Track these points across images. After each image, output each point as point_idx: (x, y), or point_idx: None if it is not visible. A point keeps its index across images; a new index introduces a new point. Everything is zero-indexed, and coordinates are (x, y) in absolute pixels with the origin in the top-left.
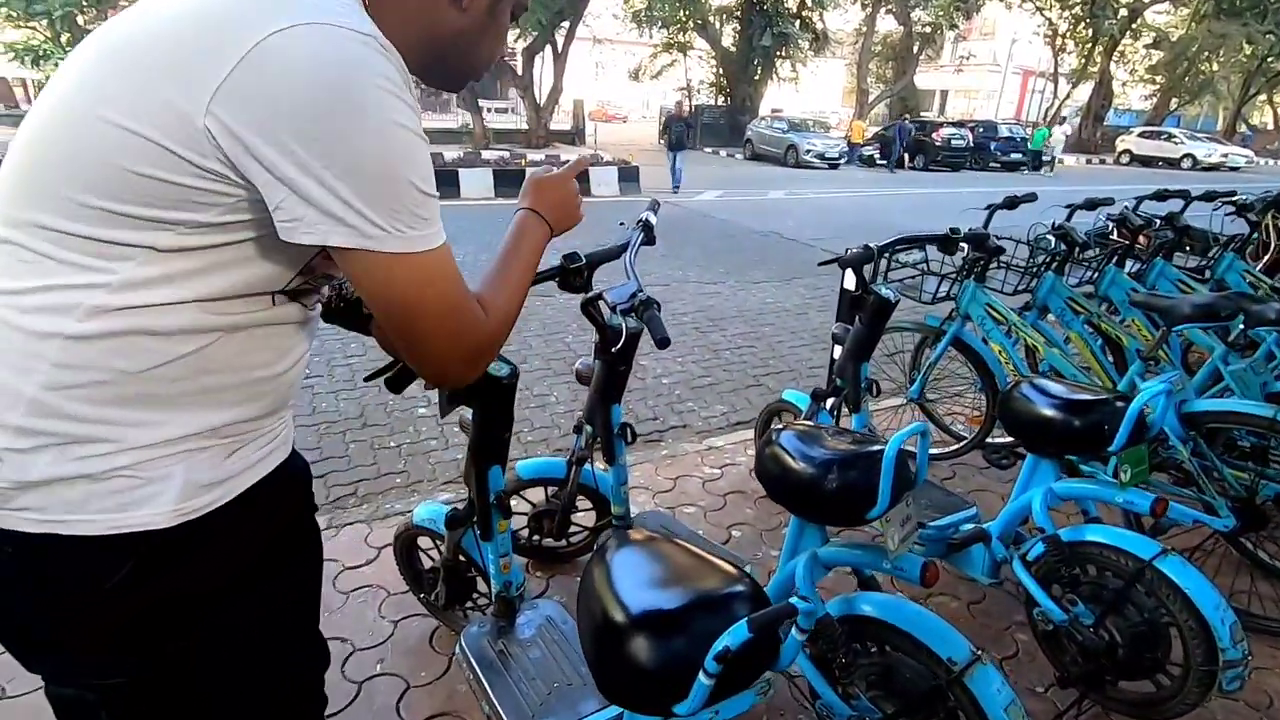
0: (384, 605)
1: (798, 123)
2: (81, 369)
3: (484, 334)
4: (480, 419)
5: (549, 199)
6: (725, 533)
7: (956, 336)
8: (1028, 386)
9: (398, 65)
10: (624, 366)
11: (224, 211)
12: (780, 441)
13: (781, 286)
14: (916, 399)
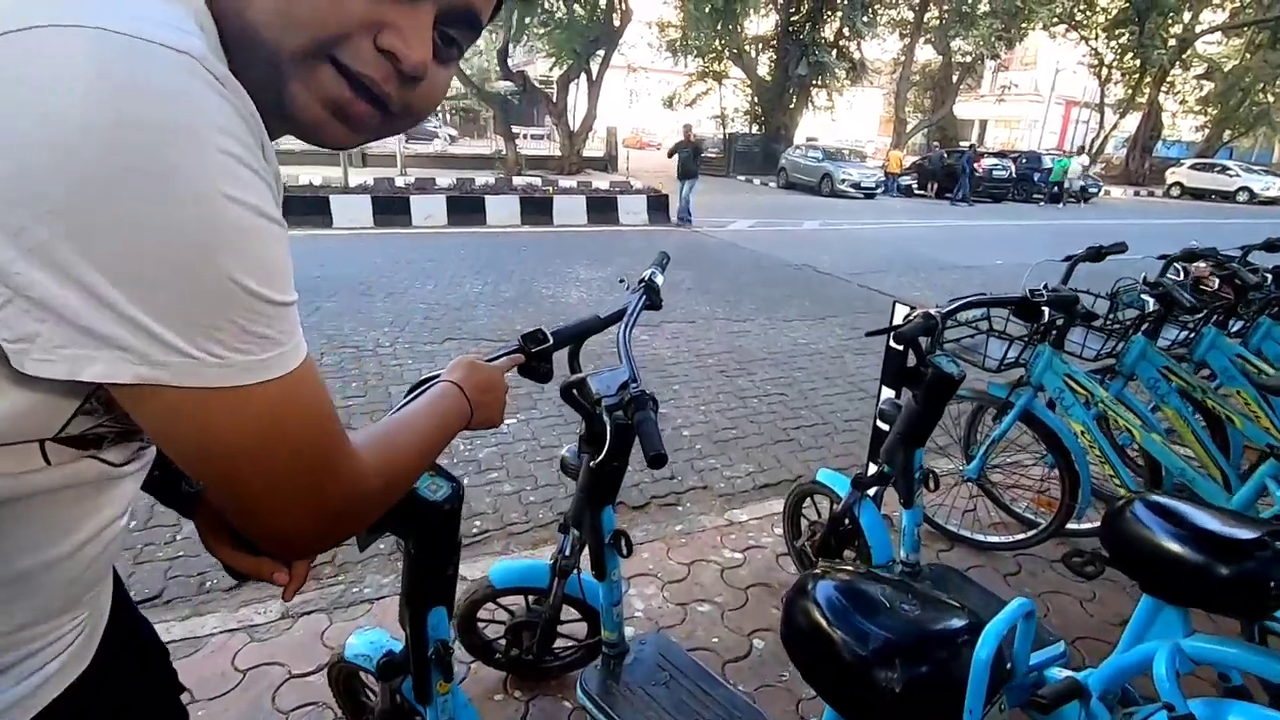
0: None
1: (833, 151)
2: None
3: (355, 492)
4: (414, 553)
5: (477, 383)
6: (745, 643)
7: (1026, 410)
8: (1145, 509)
9: (238, 105)
10: (618, 463)
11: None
12: (818, 597)
13: (815, 325)
14: (976, 479)
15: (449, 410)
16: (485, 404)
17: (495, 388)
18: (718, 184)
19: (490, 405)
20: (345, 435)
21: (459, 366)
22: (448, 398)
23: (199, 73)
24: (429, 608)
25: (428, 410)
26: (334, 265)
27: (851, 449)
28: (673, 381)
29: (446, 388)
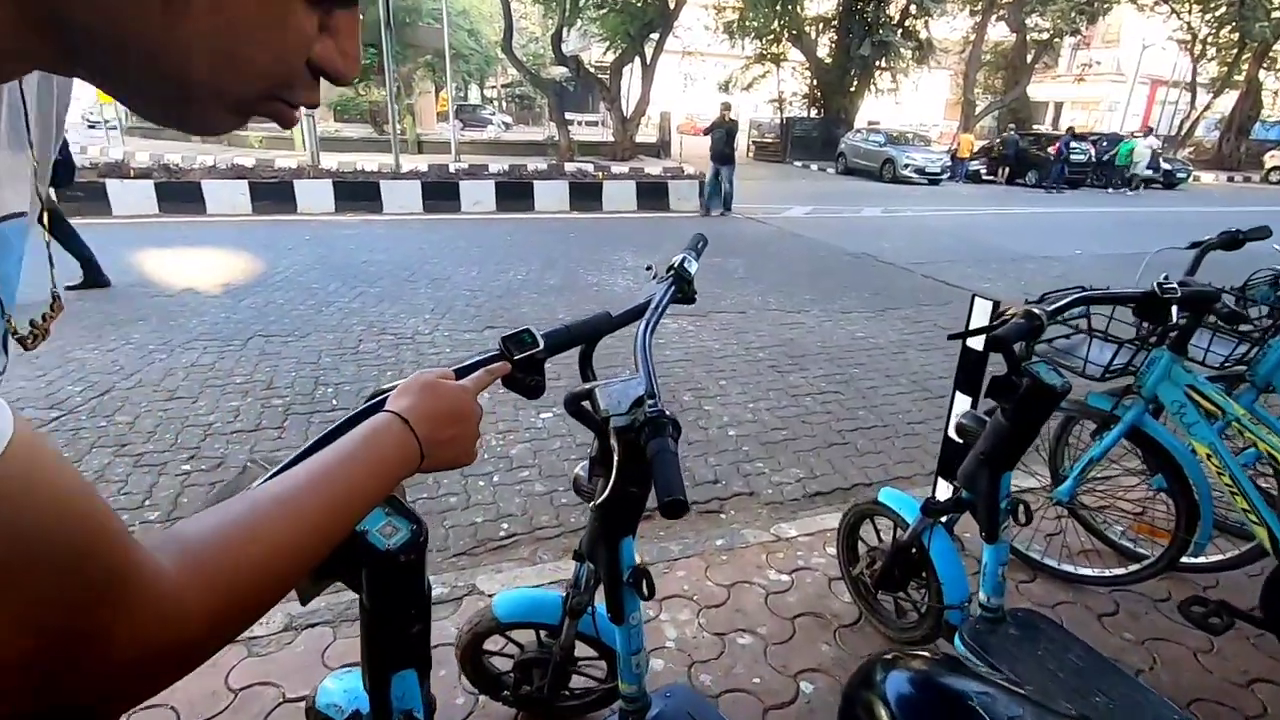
0: None
1: (896, 135)
2: None
3: (155, 641)
4: (370, 607)
5: (434, 413)
6: (791, 686)
7: (1135, 426)
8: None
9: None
10: (637, 488)
11: None
12: (888, 696)
13: (874, 319)
14: (1067, 501)
15: (382, 458)
16: (446, 441)
17: (461, 418)
18: (773, 170)
19: (455, 442)
20: (134, 545)
21: (409, 389)
22: (381, 438)
23: None
24: (393, 672)
25: (341, 465)
26: (381, 251)
27: (914, 455)
28: (720, 376)
29: (382, 423)
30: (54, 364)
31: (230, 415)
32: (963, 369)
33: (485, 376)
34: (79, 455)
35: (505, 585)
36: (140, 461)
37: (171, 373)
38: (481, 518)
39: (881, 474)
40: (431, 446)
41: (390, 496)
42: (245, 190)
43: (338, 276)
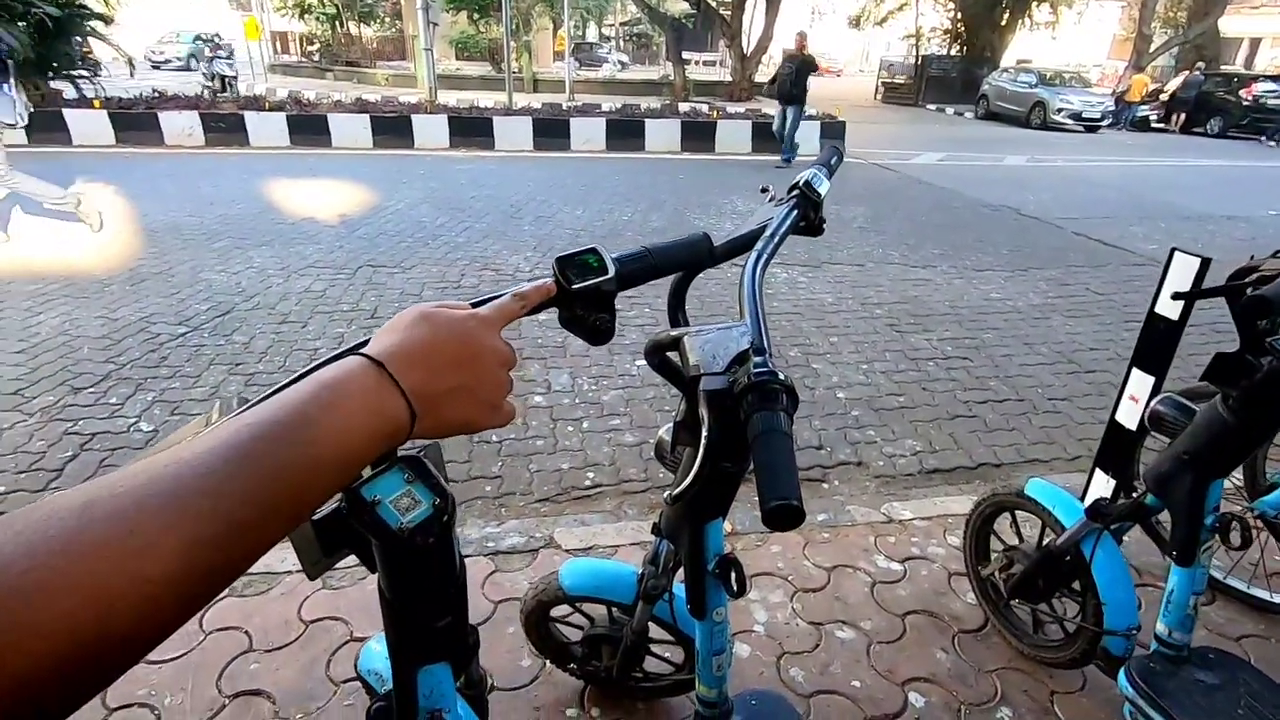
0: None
1: (1050, 76)
2: None
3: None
4: (390, 593)
5: (425, 351)
6: (898, 695)
7: None
8: None
9: None
10: (731, 463)
11: None
12: None
13: (1013, 278)
14: (1273, 516)
15: (342, 427)
16: (448, 393)
17: (470, 359)
18: (903, 113)
19: (463, 394)
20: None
21: (395, 324)
22: (341, 391)
23: None
24: (418, 666)
25: (264, 439)
26: (490, 187)
27: (1054, 436)
28: (831, 333)
29: (346, 372)
30: (186, 282)
31: (334, 341)
32: (1148, 340)
33: (513, 303)
34: (199, 371)
35: (584, 541)
36: (251, 380)
37: (285, 297)
38: (568, 464)
39: (1014, 455)
40: (426, 401)
41: (416, 459)
42: (367, 124)
43: (446, 210)
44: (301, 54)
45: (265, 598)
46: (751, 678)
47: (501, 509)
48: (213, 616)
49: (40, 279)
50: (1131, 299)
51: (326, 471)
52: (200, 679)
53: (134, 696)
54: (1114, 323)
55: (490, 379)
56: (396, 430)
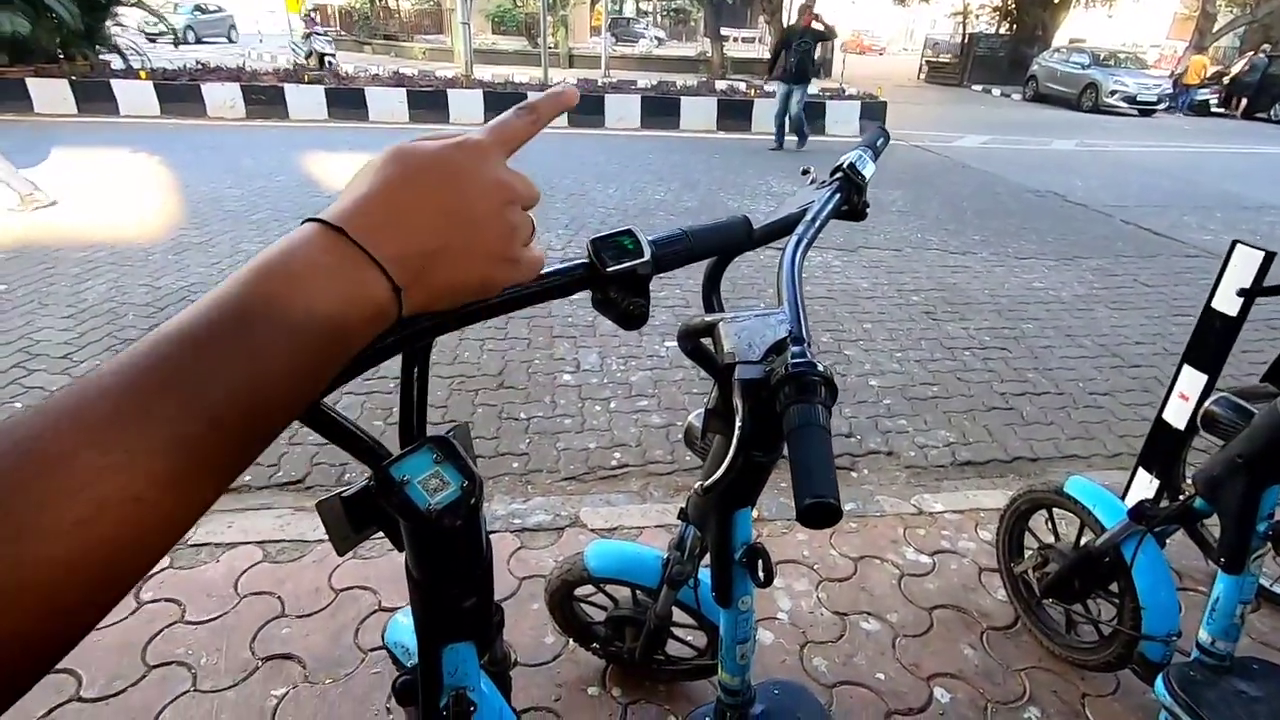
0: None
1: (1104, 57)
2: None
3: None
4: (417, 572)
5: (401, 203)
6: (923, 690)
7: None
8: None
9: None
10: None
11: None
12: None
13: (1057, 267)
14: None
15: (290, 324)
16: (442, 251)
17: (467, 199)
18: (947, 94)
19: (463, 247)
20: None
21: (362, 171)
22: (286, 269)
23: None
24: (444, 644)
25: (192, 345)
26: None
27: (1095, 432)
28: (865, 319)
29: (291, 245)
30: (226, 254)
31: None
32: (1202, 336)
33: (517, 120)
34: None
35: (609, 521)
36: None
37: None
38: (594, 444)
39: (1051, 449)
40: (411, 268)
41: (445, 440)
42: (403, 98)
43: None
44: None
45: (297, 564)
46: (774, 666)
47: (528, 486)
48: (247, 581)
49: (88, 246)
50: (1182, 292)
51: (280, 387)
52: (234, 641)
53: (172, 655)
54: (1162, 316)
55: (495, 224)
56: (377, 313)
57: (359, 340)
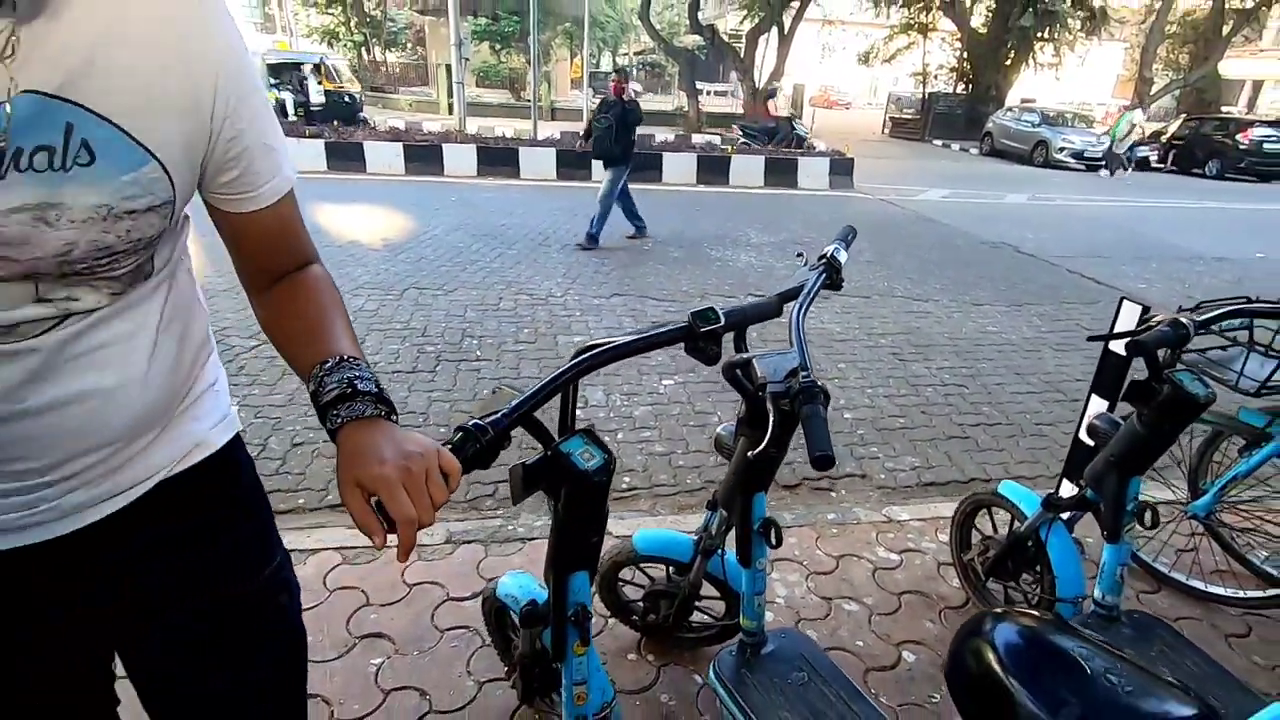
0: (475, 658)
1: (1053, 115)
2: None
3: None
4: (562, 517)
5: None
6: (893, 653)
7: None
8: None
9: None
10: (776, 450)
11: None
12: (997, 643)
13: (1009, 312)
14: (1203, 516)
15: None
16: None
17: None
18: (910, 149)
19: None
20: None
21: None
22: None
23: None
24: (571, 572)
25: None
26: (518, 215)
27: (1039, 456)
28: (839, 359)
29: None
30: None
31: (391, 357)
32: (1102, 372)
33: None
34: (274, 379)
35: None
36: None
37: None
38: None
39: (1001, 471)
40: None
41: (589, 430)
42: (400, 152)
43: (480, 237)
44: None
45: (372, 565)
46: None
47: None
48: (333, 578)
49: None
50: None
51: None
52: (332, 624)
53: None
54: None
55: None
56: None
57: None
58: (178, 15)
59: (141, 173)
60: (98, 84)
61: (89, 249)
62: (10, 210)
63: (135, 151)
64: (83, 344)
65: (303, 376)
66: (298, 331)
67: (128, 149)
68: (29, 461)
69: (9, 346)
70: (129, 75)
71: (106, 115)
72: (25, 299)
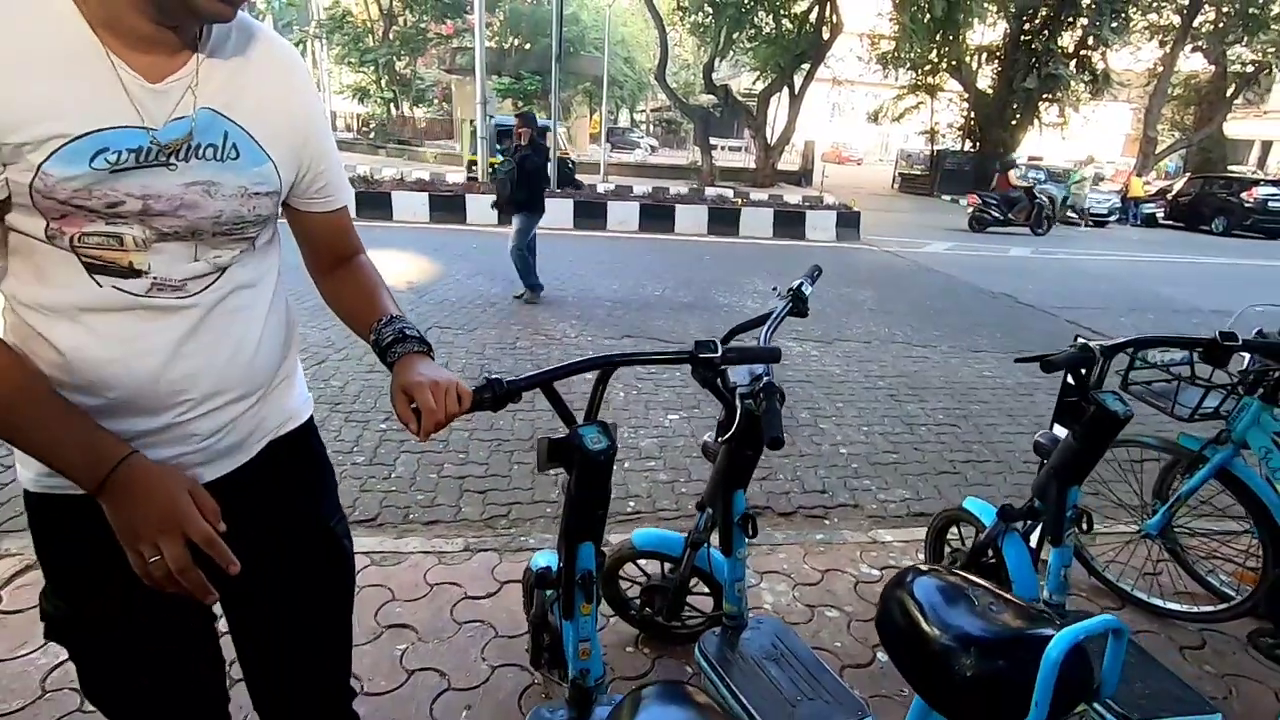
0: (488, 646)
1: (1059, 173)
2: None
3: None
4: (573, 491)
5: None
6: (869, 653)
7: (1224, 467)
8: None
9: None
10: (750, 450)
11: None
12: (913, 588)
13: (1005, 359)
14: (1156, 534)
15: (81, 445)
16: (123, 504)
17: (147, 510)
18: (918, 203)
19: (127, 514)
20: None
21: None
22: (91, 444)
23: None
24: (580, 542)
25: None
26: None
27: (1023, 491)
28: (837, 399)
29: (113, 448)
30: None
31: None
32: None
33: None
34: None
35: None
36: (350, 417)
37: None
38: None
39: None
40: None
41: (603, 422)
42: (425, 201)
43: (499, 281)
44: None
45: (398, 568)
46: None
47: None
48: (362, 578)
49: None
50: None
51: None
52: (362, 615)
53: None
54: None
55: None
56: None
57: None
58: (294, 82)
59: (264, 169)
60: (245, 109)
61: (231, 216)
62: (190, 183)
63: (261, 155)
64: (227, 304)
65: (362, 333)
66: (357, 300)
67: (257, 153)
68: (190, 393)
69: (180, 301)
70: (262, 108)
71: (248, 130)
72: (188, 257)
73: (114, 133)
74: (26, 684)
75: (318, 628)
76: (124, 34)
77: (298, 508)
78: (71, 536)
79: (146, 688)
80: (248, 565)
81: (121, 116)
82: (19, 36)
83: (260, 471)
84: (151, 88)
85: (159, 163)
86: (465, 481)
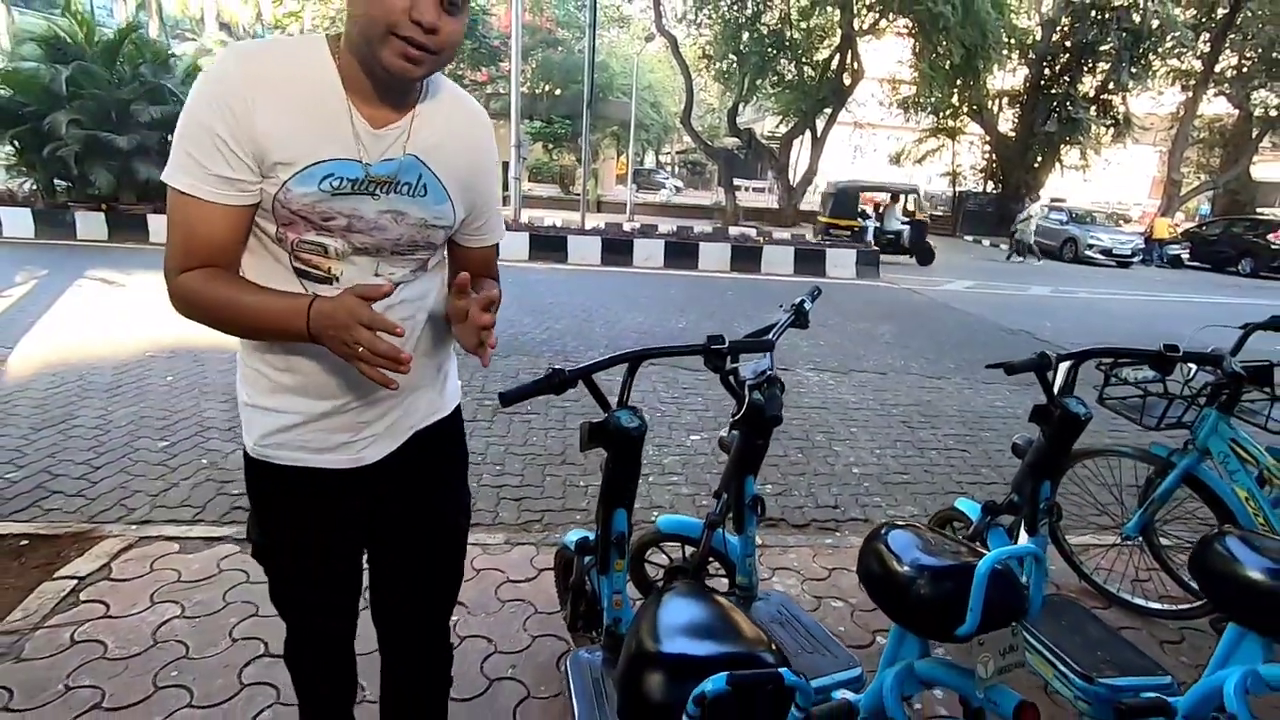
0: (529, 620)
1: (1082, 214)
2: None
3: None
4: (610, 464)
5: (321, 310)
6: (868, 636)
7: (1190, 472)
8: (1235, 541)
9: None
10: (760, 440)
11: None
12: (885, 538)
13: (1017, 391)
14: (1135, 536)
15: (285, 310)
16: (324, 329)
17: (335, 323)
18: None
19: (330, 332)
20: (178, 258)
21: (333, 299)
22: (290, 305)
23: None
24: (615, 508)
25: (265, 300)
26: (564, 295)
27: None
28: (852, 424)
29: (302, 300)
30: None
31: None
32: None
33: (367, 289)
34: None
35: None
36: None
37: None
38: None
39: None
40: (317, 328)
41: (632, 405)
42: None
43: (530, 313)
44: None
45: None
46: None
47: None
48: None
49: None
50: None
51: (267, 324)
52: None
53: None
54: (1098, 431)
55: (339, 335)
56: (297, 332)
57: (285, 331)
58: (479, 137)
59: (444, 207)
60: (439, 158)
61: (408, 241)
62: (385, 210)
63: (444, 195)
64: (393, 313)
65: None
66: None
67: (441, 194)
68: (359, 385)
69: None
70: (451, 160)
71: (438, 175)
72: (371, 271)
73: (340, 163)
74: (140, 635)
75: (435, 584)
76: (360, 90)
77: (433, 503)
78: (271, 492)
79: (308, 599)
80: (389, 530)
81: (348, 151)
82: (299, 83)
83: (407, 458)
84: (374, 132)
85: (367, 192)
86: (502, 490)
